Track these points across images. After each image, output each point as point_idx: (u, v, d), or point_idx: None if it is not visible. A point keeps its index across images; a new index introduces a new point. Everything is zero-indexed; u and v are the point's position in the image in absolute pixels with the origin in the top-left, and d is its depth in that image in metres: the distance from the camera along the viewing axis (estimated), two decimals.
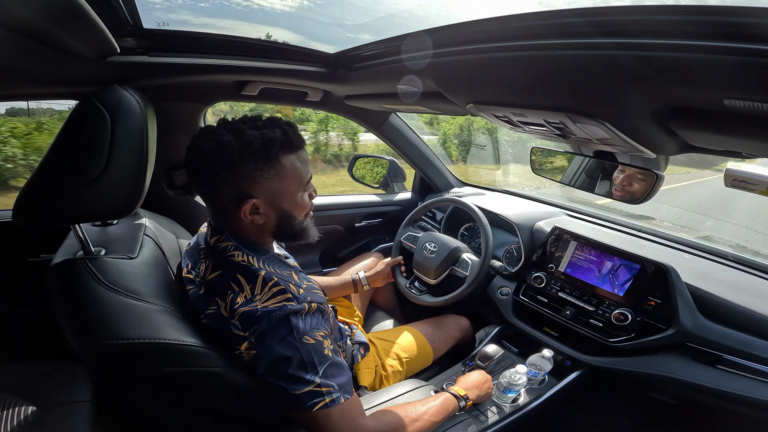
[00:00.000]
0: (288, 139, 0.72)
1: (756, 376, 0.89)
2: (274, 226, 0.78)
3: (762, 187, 0.67)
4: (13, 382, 0.85)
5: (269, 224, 0.78)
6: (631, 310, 1.03)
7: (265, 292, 0.70)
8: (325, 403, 0.67)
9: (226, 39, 1.01)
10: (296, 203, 0.78)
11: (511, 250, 1.46)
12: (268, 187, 0.73)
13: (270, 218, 0.77)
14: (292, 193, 0.76)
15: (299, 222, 0.81)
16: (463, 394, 0.93)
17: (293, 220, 0.79)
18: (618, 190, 0.97)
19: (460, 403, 0.91)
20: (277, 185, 0.73)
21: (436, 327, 1.33)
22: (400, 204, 1.90)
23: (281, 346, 0.67)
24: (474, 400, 0.95)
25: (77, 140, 0.65)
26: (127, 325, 0.64)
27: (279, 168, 0.72)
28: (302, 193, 0.79)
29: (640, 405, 1.14)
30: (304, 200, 0.80)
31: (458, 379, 1.01)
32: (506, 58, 0.64)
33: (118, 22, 0.78)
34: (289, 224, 0.79)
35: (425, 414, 0.82)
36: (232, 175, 0.70)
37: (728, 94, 0.47)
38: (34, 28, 0.57)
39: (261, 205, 0.73)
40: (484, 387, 0.99)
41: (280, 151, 0.72)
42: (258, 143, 0.69)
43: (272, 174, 0.72)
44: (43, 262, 1.14)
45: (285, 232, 0.80)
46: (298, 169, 0.75)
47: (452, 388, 0.95)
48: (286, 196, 0.76)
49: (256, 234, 0.78)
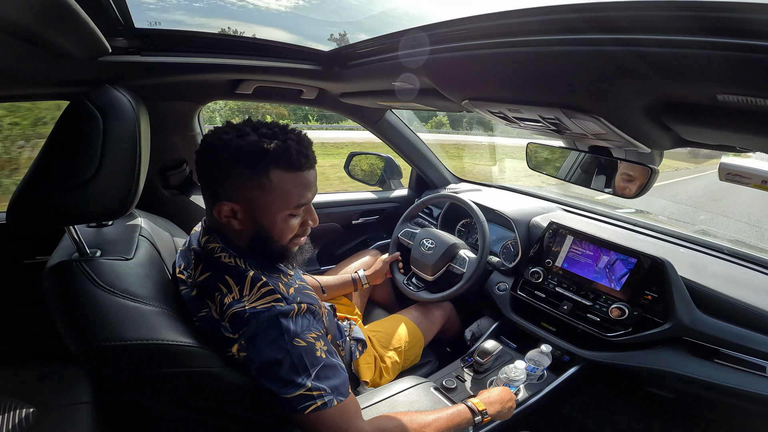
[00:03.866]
0: (286, 155, 0.68)
1: (752, 370, 0.90)
2: (248, 239, 0.74)
3: (756, 180, 0.67)
4: (12, 384, 0.85)
5: (245, 235, 0.74)
6: (628, 304, 1.04)
7: (254, 293, 0.69)
8: (317, 406, 0.66)
9: (219, 38, 1.00)
10: (276, 224, 0.73)
11: (508, 246, 1.46)
12: (249, 196, 0.69)
13: (246, 228, 0.73)
14: (273, 213, 0.72)
15: (277, 244, 0.76)
16: (481, 409, 0.86)
17: (269, 241, 0.74)
18: (615, 185, 0.97)
19: (475, 418, 0.85)
20: (259, 199, 0.70)
21: (422, 312, 1.36)
22: (397, 201, 1.91)
23: (271, 349, 0.66)
24: (493, 416, 0.88)
25: (69, 141, 0.64)
26: (124, 326, 0.63)
27: (264, 181, 0.68)
28: (288, 216, 0.73)
29: (639, 399, 1.15)
30: (288, 224, 0.74)
31: (480, 392, 0.95)
32: (501, 54, 0.64)
33: (110, 21, 0.77)
34: (263, 243, 0.75)
35: (430, 425, 0.78)
36: (219, 174, 0.69)
37: (722, 89, 0.47)
38: (23, 29, 0.57)
39: (239, 211, 0.71)
40: (507, 405, 0.92)
41: (271, 164, 0.68)
42: (250, 149, 0.67)
43: (255, 185, 0.68)
44: (39, 264, 1.13)
45: (258, 248, 0.75)
46: (286, 191, 0.70)
47: (470, 401, 0.87)
48: (266, 213, 0.72)
49: (239, 238, 0.75)
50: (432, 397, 0.98)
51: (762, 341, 0.90)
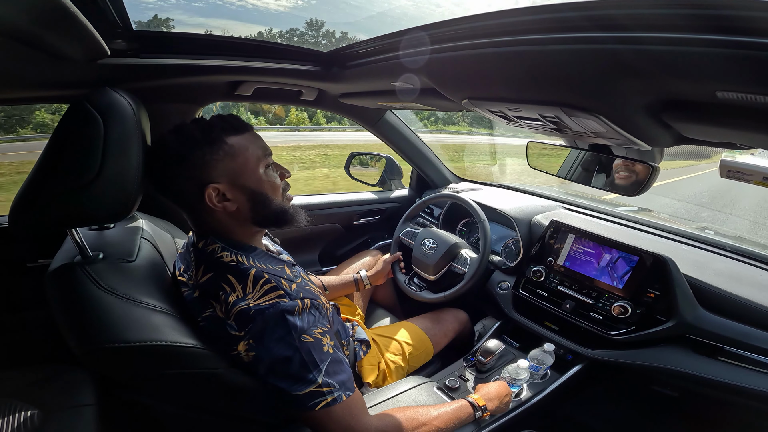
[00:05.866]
0: (228, 122, 0.73)
1: (756, 368, 0.89)
2: (249, 210, 0.76)
3: (757, 177, 0.67)
4: (16, 386, 0.85)
5: (243, 210, 0.76)
6: (631, 302, 1.04)
7: (257, 290, 0.69)
8: (327, 402, 0.67)
9: (218, 39, 1.00)
10: (261, 180, 0.76)
11: (509, 245, 1.46)
12: (223, 169, 0.72)
13: (241, 202, 0.75)
14: (252, 170, 0.75)
15: (276, 202, 0.79)
16: (481, 404, 0.89)
17: (266, 200, 0.77)
18: (617, 181, 0.96)
19: (475, 413, 0.87)
20: (232, 164, 0.73)
21: (435, 321, 1.33)
22: (398, 201, 1.90)
23: (280, 346, 0.67)
24: (492, 411, 0.91)
25: (70, 144, 0.65)
26: (127, 328, 0.63)
27: (227, 148, 0.72)
28: (266, 170, 0.77)
29: (642, 398, 1.14)
30: (269, 176, 0.78)
31: (478, 387, 0.96)
32: (500, 53, 0.64)
33: (108, 24, 0.77)
34: (264, 205, 0.77)
35: (435, 419, 0.79)
36: (181, 167, 0.71)
37: (721, 87, 0.47)
38: (22, 32, 0.57)
39: (226, 190, 0.73)
40: (505, 399, 0.95)
41: (222, 133, 0.72)
42: (197, 130, 0.71)
43: (221, 155, 0.72)
44: (41, 267, 1.14)
45: (263, 215, 0.78)
46: (248, 147, 0.74)
47: (470, 397, 0.90)
48: (246, 173, 0.74)
49: (238, 227, 0.77)
50: (435, 397, 0.98)
51: (766, 339, 0.90)
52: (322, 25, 49.59)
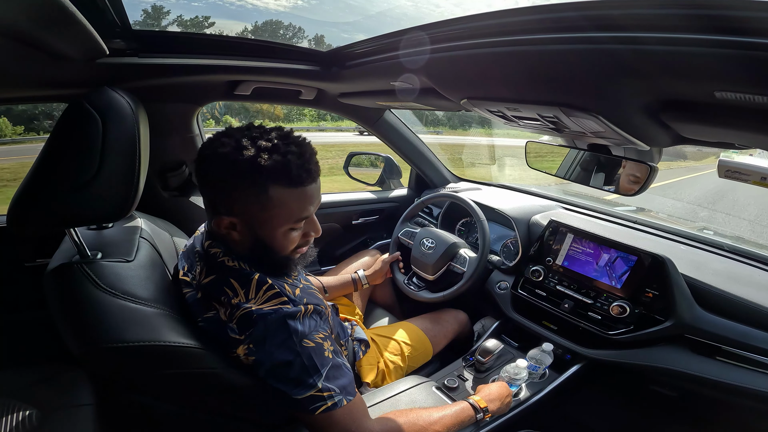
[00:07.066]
0: (286, 170, 0.65)
1: (754, 367, 0.89)
2: (248, 250, 0.73)
3: (755, 177, 0.67)
4: (14, 386, 0.85)
5: (244, 245, 0.73)
6: (629, 302, 1.04)
7: (260, 296, 0.69)
8: (327, 406, 0.67)
9: (217, 39, 1.00)
10: (276, 238, 0.71)
11: (508, 245, 1.46)
12: (247, 212, 0.68)
13: (245, 241, 0.72)
14: (273, 228, 0.70)
15: (280, 255, 0.74)
16: (483, 406, 0.88)
17: (270, 252, 0.73)
18: (616, 182, 0.97)
19: (477, 415, 0.87)
20: (258, 215, 0.68)
21: (435, 322, 1.33)
22: (397, 201, 1.90)
23: (281, 350, 0.66)
24: (493, 412, 0.90)
25: (69, 144, 0.64)
26: (126, 328, 0.63)
27: (263, 198, 0.66)
28: (288, 230, 0.71)
29: (641, 398, 1.14)
30: (289, 237, 0.72)
31: (479, 389, 0.96)
32: (499, 53, 0.64)
33: (106, 23, 0.77)
34: (266, 255, 0.73)
35: (436, 423, 0.78)
36: (217, 187, 0.68)
37: (719, 87, 0.47)
38: (20, 31, 0.57)
39: (238, 224, 0.70)
40: (506, 400, 0.94)
41: (269, 181, 0.65)
42: (246, 166, 0.63)
43: (254, 201, 0.66)
44: (40, 267, 1.13)
45: (259, 259, 0.73)
46: (288, 206, 0.68)
47: (471, 398, 0.90)
48: (265, 228, 0.70)
49: (241, 248, 0.74)
50: (434, 397, 0.98)
51: (764, 338, 0.90)
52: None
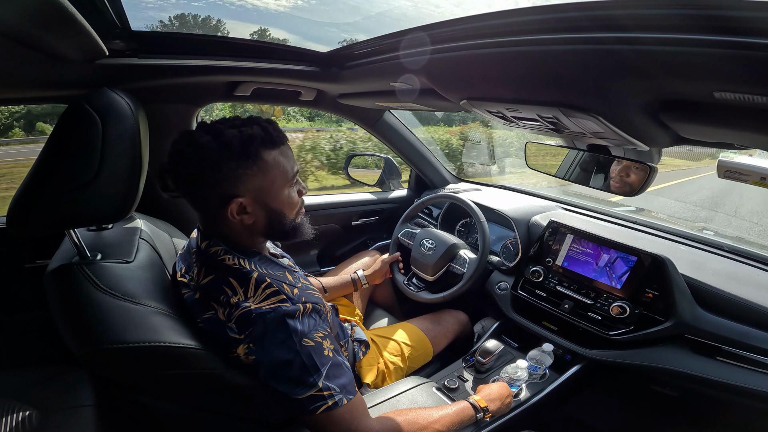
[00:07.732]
0: (268, 135, 0.71)
1: (755, 367, 0.89)
2: (264, 225, 0.76)
3: (755, 177, 0.67)
4: (14, 387, 0.85)
5: (259, 224, 0.76)
6: (629, 302, 1.04)
7: (259, 294, 0.69)
8: (328, 406, 0.67)
9: (217, 40, 1.00)
10: (283, 200, 0.76)
11: (508, 245, 1.46)
12: (252, 185, 0.71)
13: (259, 218, 0.75)
14: (277, 190, 0.75)
15: (291, 220, 0.79)
16: (483, 406, 0.88)
17: (283, 218, 0.78)
18: (615, 182, 0.97)
19: (477, 415, 0.87)
20: (261, 182, 0.72)
21: (435, 322, 1.33)
22: (396, 201, 1.91)
23: (281, 350, 0.66)
24: (494, 412, 0.90)
25: (68, 145, 0.65)
26: (126, 328, 0.63)
27: (261, 164, 0.71)
28: (289, 190, 0.77)
29: (641, 398, 1.14)
30: (291, 197, 0.78)
31: (479, 389, 0.96)
32: (499, 54, 0.64)
33: (106, 24, 0.77)
34: (280, 223, 0.78)
35: (436, 422, 0.79)
36: (214, 176, 0.69)
37: (719, 87, 0.47)
38: (20, 32, 0.57)
39: (248, 204, 0.72)
40: (506, 401, 0.95)
41: (261, 147, 0.70)
42: (237, 141, 0.68)
43: (255, 171, 0.70)
44: (39, 268, 1.13)
45: (276, 231, 0.79)
46: (281, 164, 0.73)
47: (472, 398, 0.90)
48: (272, 193, 0.74)
49: (246, 236, 0.77)
50: (434, 397, 0.98)
51: (764, 338, 0.90)
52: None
